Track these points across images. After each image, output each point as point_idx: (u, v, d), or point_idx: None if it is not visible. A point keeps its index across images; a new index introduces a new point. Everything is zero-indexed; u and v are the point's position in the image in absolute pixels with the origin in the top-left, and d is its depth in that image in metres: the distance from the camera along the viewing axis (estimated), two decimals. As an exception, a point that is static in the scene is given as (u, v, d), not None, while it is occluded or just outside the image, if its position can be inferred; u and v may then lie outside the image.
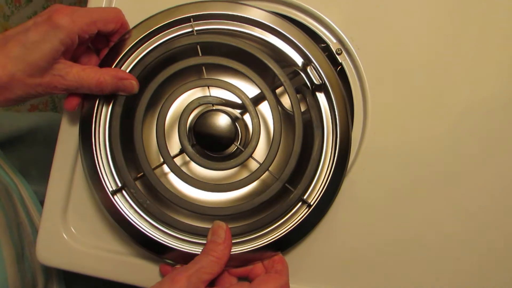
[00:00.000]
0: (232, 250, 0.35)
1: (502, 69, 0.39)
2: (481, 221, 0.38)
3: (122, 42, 0.38)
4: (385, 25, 0.39)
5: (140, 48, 0.38)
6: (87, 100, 0.38)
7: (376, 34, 0.39)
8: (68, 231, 0.41)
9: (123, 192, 0.37)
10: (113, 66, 0.38)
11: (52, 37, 0.32)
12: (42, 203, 0.52)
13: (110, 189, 0.37)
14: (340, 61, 0.40)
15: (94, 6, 0.41)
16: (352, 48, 0.39)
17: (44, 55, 0.32)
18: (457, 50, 0.39)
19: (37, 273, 0.45)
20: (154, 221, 0.37)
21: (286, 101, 0.43)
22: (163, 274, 0.39)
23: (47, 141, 0.61)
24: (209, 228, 0.36)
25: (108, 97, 0.38)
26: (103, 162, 0.37)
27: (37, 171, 0.57)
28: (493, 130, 0.39)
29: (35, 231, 0.48)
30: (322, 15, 0.40)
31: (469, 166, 0.39)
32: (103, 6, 0.41)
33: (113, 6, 0.41)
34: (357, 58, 0.39)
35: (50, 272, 0.49)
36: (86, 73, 0.35)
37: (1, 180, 0.47)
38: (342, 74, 0.40)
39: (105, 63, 0.38)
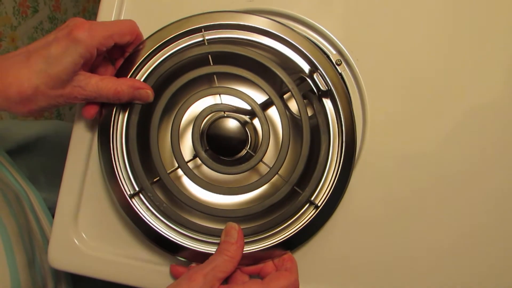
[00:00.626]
0: (244, 249, 0.37)
1: (501, 74, 0.40)
2: (484, 227, 0.40)
3: (136, 52, 0.40)
4: (383, 37, 0.41)
5: (153, 58, 0.40)
6: (105, 108, 0.40)
7: (375, 46, 0.41)
8: (79, 236, 0.42)
9: (140, 195, 0.39)
10: (128, 76, 0.39)
11: (73, 51, 0.34)
12: (50, 209, 0.53)
13: (128, 193, 0.39)
14: (340, 71, 0.41)
15: (103, 17, 0.42)
16: (351, 59, 0.41)
17: (65, 68, 0.34)
18: (455, 59, 0.40)
19: (47, 277, 0.47)
20: (170, 222, 0.39)
21: (293, 105, 0.45)
22: (173, 274, 0.41)
23: (54, 148, 0.62)
24: (222, 228, 0.38)
25: (124, 105, 0.40)
26: (121, 167, 0.39)
27: (45, 178, 0.59)
28: (494, 136, 0.40)
29: (45, 236, 0.50)
30: (322, 27, 0.41)
31: (469, 172, 0.40)
32: (113, 16, 0.42)
33: (122, 17, 0.42)
34: (356, 69, 0.41)
35: (59, 276, 0.50)
36: (104, 83, 0.37)
37: (12, 188, 0.48)
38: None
39: (121, 73, 0.40)
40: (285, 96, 0.44)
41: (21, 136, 0.58)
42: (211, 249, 0.39)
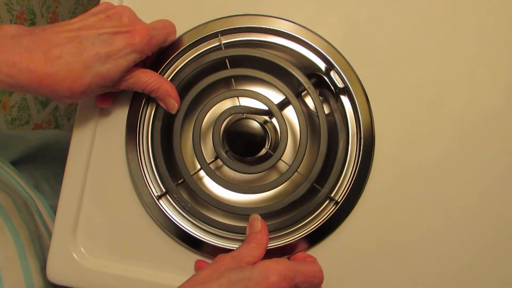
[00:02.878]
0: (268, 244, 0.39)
1: (500, 78, 0.40)
2: (488, 228, 0.40)
3: (159, 59, 0.42)
4: (381, 45, 0.41)
5: (174, 64, 0.42)
6: (131, 110, 0.42)
7: (372, 53, 0.41)
8: (78, 251, 0.42)
9: (167, 196, 0.41)
10: None
11: (130, 57, 0.35)
12: None
13: (155, 194, 0.41)
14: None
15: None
16: None
17: (119, 71, 0.35)
18: (458, 66, 0.40)
19: None
20: (194, 220, 0.41)
21: (310, 102, 0.46)
22: (197, 269, 0.42)
23: (56, 157, 0.63)
24: (244, 226, 0.40)
25: (149, 107, 0.42)
26: (148, 171, 0.41)
27: (49, 186, 0.59)
28: (494, 143, 0.40)
29: None
30: (321, 35, 0.41)
31: (470, 174, 0.40)
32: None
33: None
34: None
35: None
36: (147, 76, 0.38)
37: (20, 196, 0.49)
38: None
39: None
40: (302, 94, 0.45)
41: (23, 147, 0.59)
42: (234, 245, 0.40)
